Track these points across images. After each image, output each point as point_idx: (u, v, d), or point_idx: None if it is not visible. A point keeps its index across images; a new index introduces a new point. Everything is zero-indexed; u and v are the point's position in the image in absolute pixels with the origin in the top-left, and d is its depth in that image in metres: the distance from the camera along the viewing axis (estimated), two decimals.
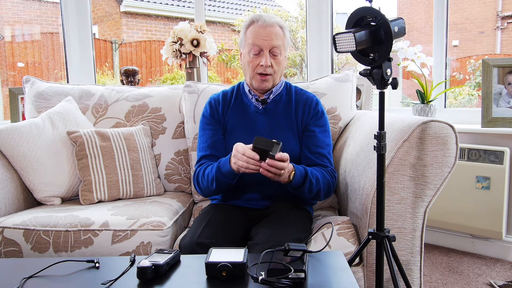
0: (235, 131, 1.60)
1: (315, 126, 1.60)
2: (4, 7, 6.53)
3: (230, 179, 1.45)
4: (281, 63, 1.58)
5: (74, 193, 1.85)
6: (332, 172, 1.56)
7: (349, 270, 1.06)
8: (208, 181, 1.50)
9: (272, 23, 1.54)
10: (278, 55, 1.55)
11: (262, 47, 1.52)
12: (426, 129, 1.37)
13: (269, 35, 1.52)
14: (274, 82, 1.59)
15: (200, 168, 1.56)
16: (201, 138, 1.64)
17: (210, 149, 1.59)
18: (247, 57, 1.57)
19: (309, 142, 1.59)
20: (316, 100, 1.65)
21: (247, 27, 1.57)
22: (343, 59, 6.97)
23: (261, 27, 1.53)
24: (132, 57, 7.36)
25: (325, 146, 1.59)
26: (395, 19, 1.28)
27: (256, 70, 1.55)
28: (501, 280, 2.02)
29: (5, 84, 5.96)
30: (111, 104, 2.07)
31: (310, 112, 1.62)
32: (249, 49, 1.55)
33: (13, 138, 1.77)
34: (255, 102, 1.63)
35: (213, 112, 1.65)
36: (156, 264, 1.03)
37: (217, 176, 1.46)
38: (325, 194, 1.53)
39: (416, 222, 1.43)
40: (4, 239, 1.49)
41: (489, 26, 8.74)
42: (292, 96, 1.65)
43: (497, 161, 2.18)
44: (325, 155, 1.58)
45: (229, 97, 1.67)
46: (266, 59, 1.52)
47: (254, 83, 1.58)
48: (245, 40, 1.57)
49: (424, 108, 2.38)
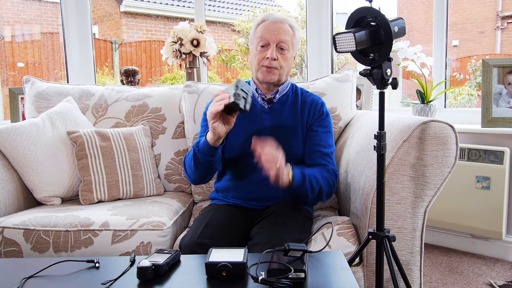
0: (239, 129, 1.59)
1: (318, 127, 1.60)
2: (4, 7, 6.53)
3: (208, 155, 1.43)
4: (288, 60, 1.57)
5: (74, 193, 1.85)
6: (332, 171, 1.55)
7: (349, 270, 1.06)
8: (190, 160, 1.50)
9: (282, 19, 1.55)
10: (286, 50, 1.54)
11: (270, 40, 1.52)
12: (426, 129, 1.37)
13: (278, 29, 1.53)
14: (280, 77, 1.57)
15: (187, 154, 1.56)
16: (200, 133, 1.63)
17: None
18: (255, 51, 1.56)
19: (311, 141, 1.59)
20: (321, 102, 1.65)
21: (258, 24, 1.58)
22: (343, 59, 6.97)
23: (271, 23, 1.54)
24: (132, 57, 7.36)
25: (327, 146, 1.58)
26: (395, 19, 1.28)
27: (261, 63, 1.54)
28: (501, 280, 2.02)
29: (5, 84, 5.96)
30: (111, 104, 2.07)
31: (316, 114, 1.61)
32: (257, 42, 1.55)
33: (13, 138, 1.77)
34: (261, 101, 1.62)
35: None
36: (156, 264, 1.03)
37: (195, 153, 1.45)
38: (327, 194, 1.51)
39: (416, 222, 1.43)
40: (4, 239, 1.49)
41: (489, 26, 8.75)
42: (298, 97, 1.64)
43: (497, 161, 2.18)
44: (327, 154, 1.57)
45: None
46: (272, 51, 1.52)
47: (259, 75, 1.57)
48: (254, 35, 1.58)
49: (424, 108, 2.38)
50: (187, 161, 1.55)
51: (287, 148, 1.51)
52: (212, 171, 1.51)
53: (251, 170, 1.54)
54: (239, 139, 1.57)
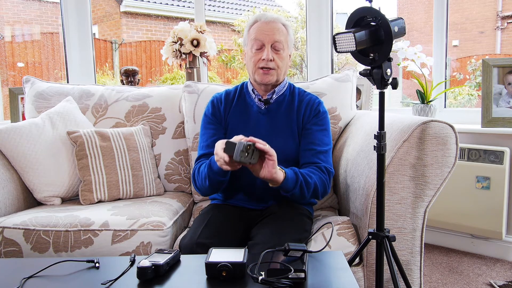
0: (236, 131, 1.59)
1: (313, 125, 1.59)
2: (4, 7, 6.53)
3: (220, 176, 1.44)
4: (284, 59, 1.56)
5: (74, 193, 1.85)
6: (325, 168, 1.52)
7: (349, 270, 1.06)
8: (202, 178, 1.50)
9: (274, 19, 1.55)
10: (281, 50, 1.54)
11: (264, 41, 1.52)
12: (426, 129, 1.37)
13: (271, 29, 1.52)
14: (278, 77, 1.57)
15: (197, 166, 1.56)
16: (202, 137, 1.64)
17: (209, 148, 1.58)
18: (250, 53, 1.56)
19: (305, 139, 1.58)
20: (318, 101, 1.64)
21: (250, 25, 1.58)
22: (343, 59, 6.96)
23: (264, 23, 1.54)
24: (132, 57, 7.36)
25: (322, 144, 1.56)
26: (395, 19, 1.28)
27: (258, 65, 1.54)
28: (501, 280, 2.02)
29: (5, 84, 5.96)
30: (111, 104, 2.07)
31: (311, 112, 1.60)
32: (251, 44, 1.55)
33: (13, 138, 1.77)
34: (258, 102, 1.62)
35: (215, 111, 1.64)
36: (156, 264, 1.03)
37: (208, 173, 1.45)
38: (322, 192, 1.50)
39: (416, 222, 1.43)
40: (4, 239, 1.49)
41: (489, 26, 8.74)
42: (295, 97, 1.64)
43: (497, 161, 2.18)
44: (320, 152, 1.55)
45: (232, 97, 1.66)
46: (267, 52, 1.51)
47: (257, 77, 1.56)
48: (248, 37, 1.57)
49: (424, 108, 2.38)
50: (198, 180, 1.53)
51: (282, 149, 1.51)
52: (224, 184, 1.51)
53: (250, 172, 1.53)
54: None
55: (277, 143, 1.50)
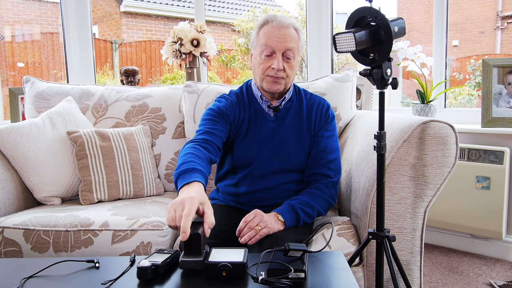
0: (245, 139, 1.53)
1: (324, 131, 1.55)
2: (4, 7, 6.53)
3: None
4: (294, 68, 1.49)
5: (74, 193, 1.85)
6: (332, 184, 1.49)
7: (349, 270, 1.06)
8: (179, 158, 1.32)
9: (287, 24, 1.45)
10: (292, 58, 1.46)
11: (275, 49, 1.44)
12: (426, 129, 1.37)
13: (284, 36, 1.44)
14: (286, 86, 1.51)
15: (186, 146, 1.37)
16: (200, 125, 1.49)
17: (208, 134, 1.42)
18: (258, 58, 1.48)
19: (316, 147, 1.53)
20: (327, 104, 1.60)
21: (260, 27, 1.48)
22: (343, 59, 6.96)
23: (275, 28, 1.44)
24: (132, 57, 7.37)
25: (332, 151, 1.53)
26: (395, 19, 1.28)
27: (267, 73, 1.47)
28: (501, 280, 2.02)
29: (5, 84, 5.96)
30: (111, 104, 2.07)
31: (322, 118, 1.56)
32: (261, 50, 1.46)
33: (13, 138, 1.77)
34: (267, 109, 1.56)
35: (229, 109, 1.52)
36: (156, 264, 1.03)
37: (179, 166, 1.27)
38: (326, 209, 1.49)
39: (416, 222, 1.43)
40: (4, 239, 1.49)
41: (489, 26, 8.75)
42: (303, 101, 1.58)
43: (497, 161, 2.18)
44: (330, 160, 1.51)
45: (246, 100, 1.57)
46: (278, 62, 1.43)
47: (264, 85, 1.50)
48: (257, 41, 1.49)
49: (424, 108, 2.38)
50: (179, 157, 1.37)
51: (292, 159, 1.50)
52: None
53: (256, 180, 1.52)
54: (247, 149, 1.53)
55: (287, 153, 1.49)
